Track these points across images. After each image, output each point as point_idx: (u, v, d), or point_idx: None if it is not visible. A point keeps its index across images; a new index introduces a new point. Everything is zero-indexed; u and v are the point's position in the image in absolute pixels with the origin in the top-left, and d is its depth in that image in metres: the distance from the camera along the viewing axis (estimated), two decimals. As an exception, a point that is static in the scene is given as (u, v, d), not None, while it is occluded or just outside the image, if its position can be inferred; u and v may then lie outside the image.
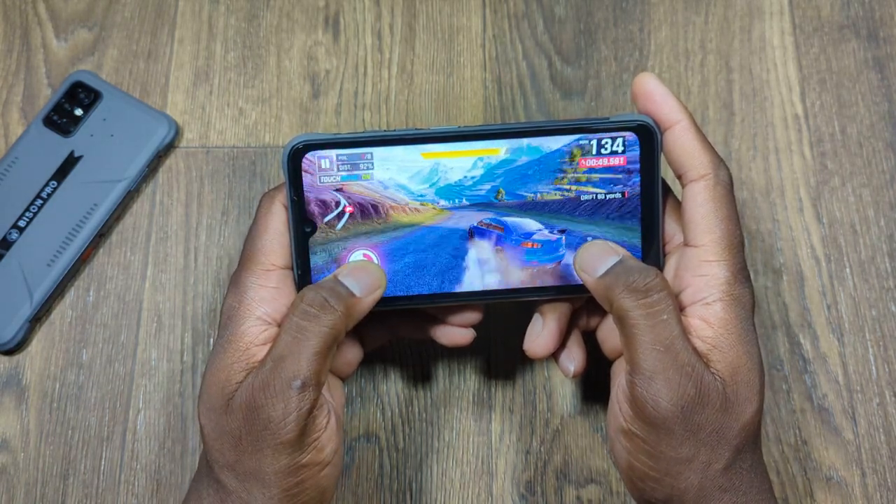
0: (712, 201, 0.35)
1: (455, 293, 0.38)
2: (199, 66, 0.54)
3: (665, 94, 0.36)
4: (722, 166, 0.36)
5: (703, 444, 0.33)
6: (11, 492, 0.46)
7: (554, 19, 0.55)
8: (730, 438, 0.33)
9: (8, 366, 0.48)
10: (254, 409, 0.34)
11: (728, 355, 0.34)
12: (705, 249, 0.35)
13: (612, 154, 0.37)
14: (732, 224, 0.35)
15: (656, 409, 0.33)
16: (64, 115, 0.51)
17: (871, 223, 0.50)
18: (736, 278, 0.35)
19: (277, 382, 0.34)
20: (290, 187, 0.37)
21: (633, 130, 0.37)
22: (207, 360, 0.36)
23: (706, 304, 0.34)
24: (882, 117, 0.52)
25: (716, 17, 0.54)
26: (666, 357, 0.33)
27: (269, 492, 0.34)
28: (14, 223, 0.49)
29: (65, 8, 0.54)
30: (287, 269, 0.37)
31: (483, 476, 0.46)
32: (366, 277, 0.36)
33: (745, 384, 0.34)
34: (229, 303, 0.36)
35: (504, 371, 0.48)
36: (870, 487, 0.46)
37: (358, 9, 0.55)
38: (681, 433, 0.33)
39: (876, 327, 0.48)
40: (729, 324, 0.34)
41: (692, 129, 0.36)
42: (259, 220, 0.37)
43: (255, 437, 0.34)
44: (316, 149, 0.36)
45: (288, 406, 0.33)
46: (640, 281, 0.34)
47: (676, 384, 0.33)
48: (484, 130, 0.37)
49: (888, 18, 0.54)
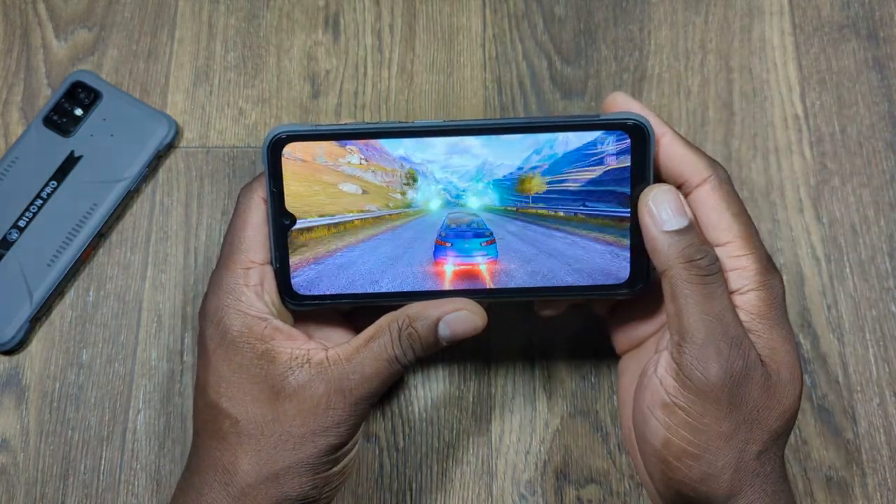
0: (723, 201, 0.36)
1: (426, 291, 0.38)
2: (199, 66, 0.54)
3: (641, 107, 0.37)
4: (718, 166, 0.36)
5: (743, 422, 0.33)
6: (11, 492, 0.46)
7: (554, 19, 0.55)
8: (769, 421, 0.34)
9: (8, 366, 0.48)
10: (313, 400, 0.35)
11: (764, 339, 0.34)
12: (731, 246, 0.35)
13: (602, 153, 0.37)
14: (746, 217, 0.36)
15: (706, 375, 0.33)
16: (64, 115, 0.51)
17: (871, 223, 0.50)
18: (766, 268, 0.35)
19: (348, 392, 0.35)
20: (269, 179, 0.36)
21: (625, 128, 0.36)
22: (210, 363, 0.36)
23: (741, 293, 0.35)
24: (882, 117, 0.52)
25: (716, 17, 0.54)
26: (718, 327, 0.33)
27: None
28: (14, 223, 0.49)
29: (65, 8, 0.54)
30: (267, 264, 0.37)
31: (483, 476, 0.46)
32: (461, 330, 0.36)
33: (785, 365, 0.34)
34: (214, 304, 0.36)
35: (504, 371, 0.48)
36: (870, 487, 0.46)
37: (358, 9, 0.55)
38: (726, 405, 0.33)
39: (876, 327, 0.48)
40: (763, 311, 0.35)
41: (678, 138, 0.37)
42: (238, 215, 0.37)
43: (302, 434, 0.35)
44: (296, 140, 0.36)
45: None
46: (703, 261, 0.34)
47: (727, 354, 0.33)
48: (470, 125, 0.36)
49: (888, 18, 0.54)
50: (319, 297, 0.38)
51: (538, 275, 0.38)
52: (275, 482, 0.34)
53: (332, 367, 0.35)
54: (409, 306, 0.36)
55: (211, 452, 0.35)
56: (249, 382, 0.35)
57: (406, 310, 0.36)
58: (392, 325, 0.36)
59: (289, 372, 0.35)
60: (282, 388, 0.35)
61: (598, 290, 0.38)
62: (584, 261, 0.37)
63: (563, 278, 0.38)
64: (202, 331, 0.36)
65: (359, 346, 0.36)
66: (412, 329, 0.36)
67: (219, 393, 0.35)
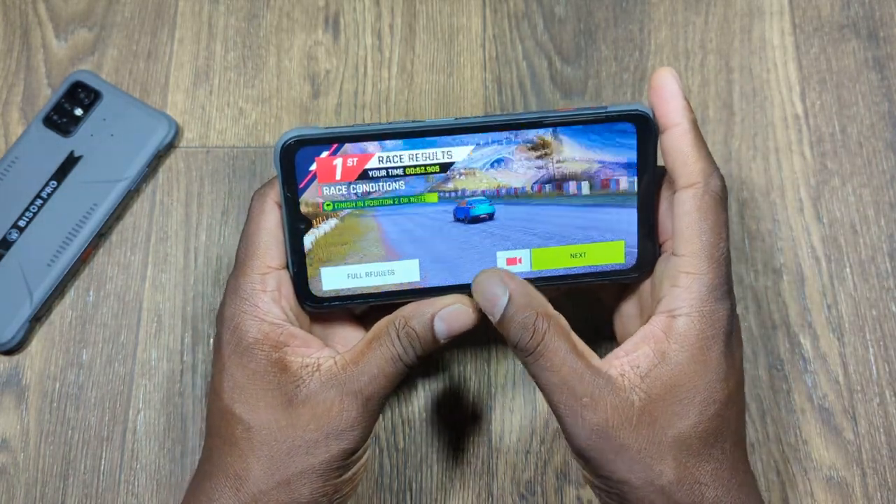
0: (697, 211, 0.34)
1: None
2: (199, 65, 0.54)
3: (675, 93, 0.35)
4: (715, 175, 0.35)
5: (634, 462, 0.33)
6: (11, 492, 0.46)
7: (554, 19, 0.55)
8: (662, 453, 0.33)
9: (8, 366, 0.48)
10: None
11: (671, 370, 0.34)
12: (684, 260, 0.34)
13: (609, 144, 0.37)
14: (715, 236, 0.34)
15: (576, 445, 0.34)
16: (64, 115, 0.51)
17: (871, 223, 0.50)
18: (711, 294, 0.34)
19: (358, 394, 0.35)
20: (283, 184, 0.36)
21: (630, 120, 0.36)
22: (228, 370, 0.36)
23: (672, 316, 0.34)
24: (882, 117, 0.52)
25: (716, 17, 0.54)
26: (565, 396, 0.34)
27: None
28: (14, 223, 0.49)
29: (65, 8, 0.54)
30: (283, 269, 0.37)
31: (483, 476, 0.46)
32: (457, 324, 0.37)
33: (678, 401, 0.33)
34: (231, 310, 0.36)
35: (504, 371, 0.48)
36: (870, 487, 0.46)
37: (358, 9, 0.55)
38: (605, 458, 0.34)
39: (876, 327, 0.48)
40: (687, 340, 0.34)
41: (690, 133, 0.35)
42: (252, 220, 0.37)
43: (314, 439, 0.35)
44: (309, 144, 0.36)
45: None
46: (522, 340, 0.34)
47: (583, 420, 0.33)
48: (484, 122, 0.36)
49: (888, 18, 0.54)
50: (337, 298, 0.38)
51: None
52: (286, 488, 0.34)
53: (341, 372, 0.35)
54: (403, 307, 0.37)
55: (223, 458, 0.35)
56: (263, 389, 0.35)
57: (400, 311, 0.37)
58: (389, 326, 0.36)
59: (300, 380, 0.35)
60: (294, 395, 0.35)
61: (606, 274, 0.38)
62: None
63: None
64: (218, 336, 0.37)
65: (363, 349, 0.36)
66: (409, 328, 0.36)
67: (233, 399, 0.35)
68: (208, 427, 0.37)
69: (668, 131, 0.36)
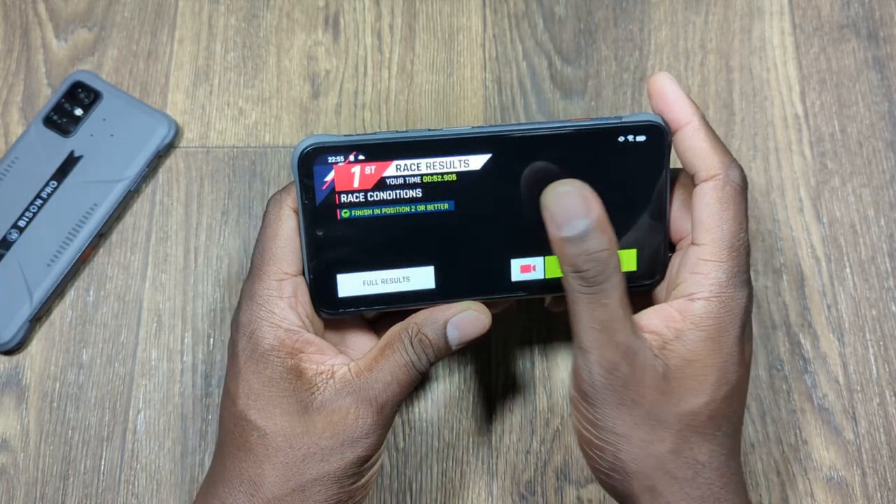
0: (718, 202, 0.35)
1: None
2: (199, 66, 0.54)
3: (677, 94, 0.36)
4: (734, 166, 0.35)
5: (640, 422, 0.34)
6: (11, 492, 0.46)
7: (554, 19, 0.55)
8: (669, 422, 0.34)
9: (8, 366, 0.48)
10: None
11: (688, 347, 0.34)
12: (704, 248, 0.35)
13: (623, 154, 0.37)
14: (736, 225, 0.35)
15: (589, 380, 0.34)
16: (64, 115, 0.51)
17: (871, 223, 0.50)
18: (730, 281, 0.34)
19: (373, 402, 0.35)
20: (300, 191, 0.36)
21: (644, 130, 0.36)
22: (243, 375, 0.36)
23: (690, 300, 0.35)
24: (882, 117, 0.52)
25: (716, 17, 0.55)
26: (601, 336, 0.34)
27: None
28: (14, 223, 0.49)
29: (65, 8, 0.54)
30: (300, 275, 0.37)
31: (483, 476, 0.46)
32: (470, 330, 0.37)
33: (694, 377, 0.34)
34: (247, 316, 0.36)
35: (504, 371, 0.48)
36: (870, 487, 0.46)
37: (358, 9, 0.55)
38: (613, 406, 0.34)
39: (876, 327, 0.48)
40: (703, 321, 0.34)
41: (703, 129, 0.36)
42: (268, 225, 0.37)
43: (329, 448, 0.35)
44: (327, 152, 0.36)
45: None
46: (590, 272, 0.34)
47: (609, 360, 0.33)
48: (501, 132, 0.36)
49: (888, 18, 0.54)
50: (353, 304, 0.38)
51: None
52: (301, 495, 0.34)
53: (355, 379, 0.35)
54: (415, 314, 0.37)
55: (237, 463, 0.35)
56: (279, 396, 0.35)
57: (413, 318, 0.37)
58: (402, 333, 0.36)
59: (315, 388, 0.35)
60: (310, 402, 0.35)
61: None
62: None
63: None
64: (234, 341, 0.36)
65: (376, 356, 0.36)
66: (422, 335, 0.36)
67: (248, 405, 0.35)
68: (221, 432, 0.37)
69: (680, 131, 0.36)
